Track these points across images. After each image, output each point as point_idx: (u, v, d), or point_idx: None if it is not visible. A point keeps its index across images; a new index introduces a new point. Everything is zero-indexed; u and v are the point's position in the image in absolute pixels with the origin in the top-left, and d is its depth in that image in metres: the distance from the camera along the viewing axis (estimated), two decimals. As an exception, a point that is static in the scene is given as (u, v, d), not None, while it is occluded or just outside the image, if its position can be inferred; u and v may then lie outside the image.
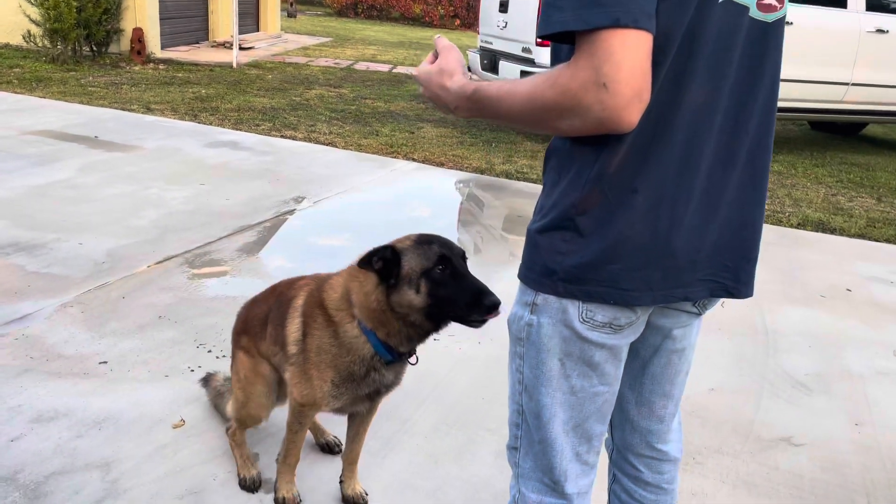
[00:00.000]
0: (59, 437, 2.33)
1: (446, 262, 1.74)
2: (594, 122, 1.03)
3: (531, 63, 7.02)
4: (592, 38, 1.01)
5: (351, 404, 2.00)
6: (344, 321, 1.87)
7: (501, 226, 5.01)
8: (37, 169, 5.15)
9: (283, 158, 6.14)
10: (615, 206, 1.15)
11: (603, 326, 1.22)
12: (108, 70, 9.70)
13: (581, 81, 1.02)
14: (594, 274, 1.17)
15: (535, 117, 1.10)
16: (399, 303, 1.76)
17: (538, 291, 1.23)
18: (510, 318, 1.31)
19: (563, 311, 1.21)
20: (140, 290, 3.43)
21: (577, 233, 1.17)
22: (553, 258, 1.19)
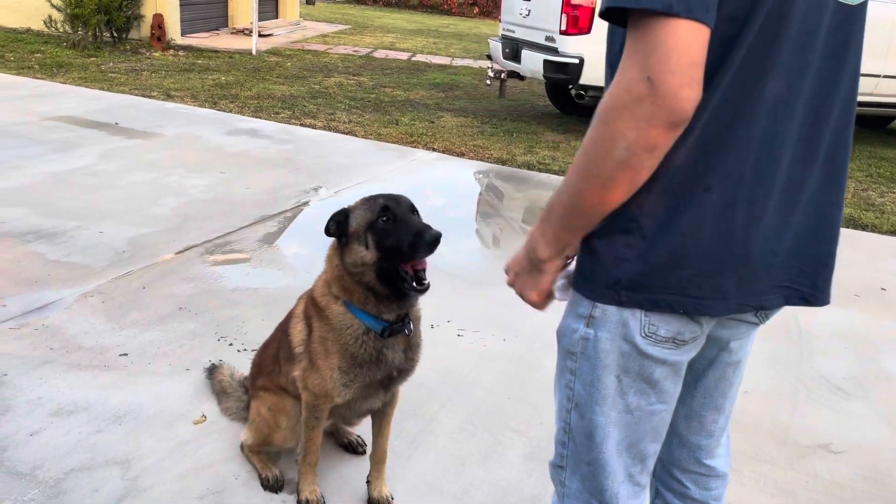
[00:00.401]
0: (78, 432, 2.29)
1: (388, 211, 1.78)
2: (645, 121, 0.96)
3: (555, 52, 6.90)
4: (641, 25, 0.95)
5: (365, 394, 1.96)
6: (330, 303, 1.90)
7: (524, 218, 4.92)
8: (57, 155, 5.13)
9: (302, 147, 6.08)
10: (685, 205, 1.06)
11: (665, 341, 1.13)
12: (129, 56, 9.68)
13: (627, 82, 0.96)
14: (661, 280, 1.09)
15: (597, 158, 1.01)
16: (353, 263, 1.80)
17: (596, 302, 1.14)
18: (560, 331, 1.22)
19: (624, 324, 1.13)
20: (161, 281, 3.39)
21: (642, 236, 1.08)
22: (615, 265, 1.10)
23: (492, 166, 6.13)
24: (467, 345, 3.06)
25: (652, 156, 0.99)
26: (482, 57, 13.34)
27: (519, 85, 9.99)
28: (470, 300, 3.50)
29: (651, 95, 0.94)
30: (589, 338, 1.16)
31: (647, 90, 0.94)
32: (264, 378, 2.19)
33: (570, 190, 1.07)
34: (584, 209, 1.07)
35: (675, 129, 0.97)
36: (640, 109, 0.95)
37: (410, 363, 1.98)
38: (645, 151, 0.98)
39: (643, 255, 1.09)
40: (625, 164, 1.00)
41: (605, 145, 1.00)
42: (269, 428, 2.15)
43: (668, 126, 0.96)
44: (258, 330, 3.00)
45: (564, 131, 7.76)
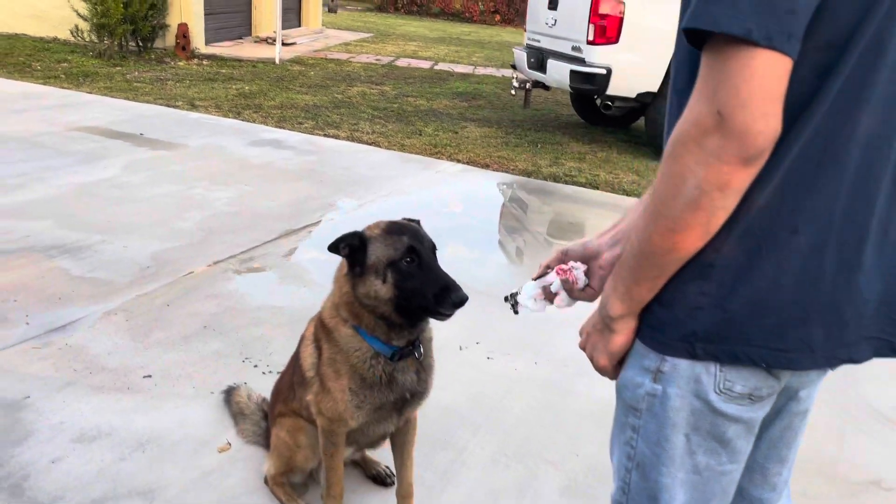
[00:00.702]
0: (101, 459, 2.23)
1: (414, 253, 1.70)
2: (715, 157, 0.87)
3: (582, 62, 6.80)
4: (716, 52, 0.87)
5: (378, 417, 1.89)
6: (338, 325, 1.84)
7: (551, 233, 4.82)
8: (82, 167, 5.12)
9: (326, 158, 6.03)
10: (768, 249, 0.97)
11: (741, 398, 1.03)
12: (154, 65, 9.73)
13: (696, 114, 0.88)
14: (741, 331, 0.99)
15: (666, 198, 0.93)
16: (366, 294, 1.73)
17: (666, 355, 1.04)
18: (622, 384, 1.12)
19: (696, 380, 1.03)
20: (184, 298, 3.34)
21: (720, 282, 0.99)
22: (689, 314, 1.01)
23: (517, 178, 6.04)
24: (498, 368, 2.97)
25: (725, 195, 0.91)
26: (505, 65, 13.27)
27: (542, 94, 9.89)
28: (499, 320, 3.40)
29: (720, 129, 0.86)
30: (656, 394, 1.06)
31: (715, 124, 0.86)
32: (281, 405, 2.15)
33: (640, 235, 0.99)
34: (656, 256, 0.98)
35: (748, 165, 0.88)
36: (708, 143, 0.87)
37: (423, 385, 1.91)
38: (717, 189, 0.90)
39: (721, 303, 0.99)
40: (695, 205, 0.91)
41: (674, 183, 0.92)
42: (289, 450, 2.09)
43: (741, 162, 0.88)
44: (283, 351, 2.93)
45: (590, 142, 7.65)
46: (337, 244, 1.74)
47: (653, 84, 6.79)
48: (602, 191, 5.85)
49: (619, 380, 1.13)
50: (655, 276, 1.00)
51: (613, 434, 1.17)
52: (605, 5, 6.52)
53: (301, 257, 3.96)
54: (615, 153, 7.20)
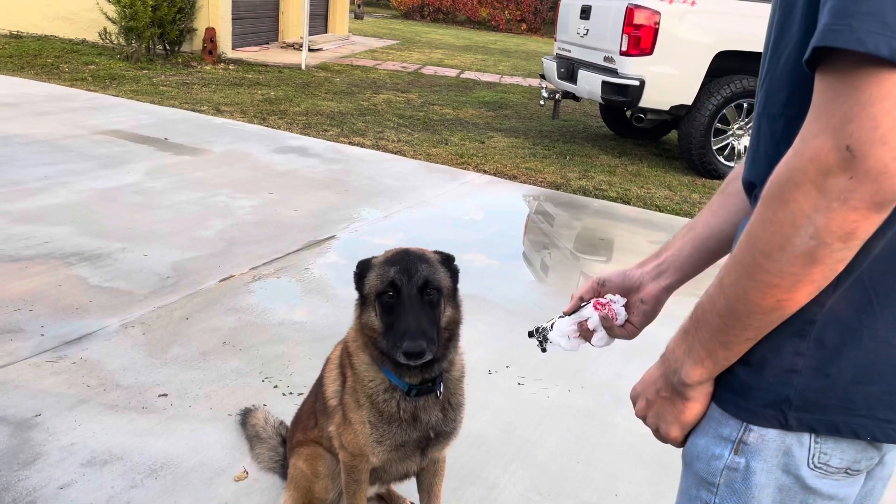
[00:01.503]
0: (112, 486, 2.11)
1: (395, 288, 1.59)
2: (840, 202, 0.72)
3: (614, 73, 6.64)
4: (843, 75, 0.71)
5: (401, 455, 1.76)
6: (358, 351, 1.74)
7: (582, 250, 4.65)
8: (106, 171, 5.06)
9: (351, 167, 5.92)
10: (882, 305, 0.82)
11: (837, 472, 0.88)
12: (180, 69, 9.72)
13: (814, 150, 0.73)
14: (843, 400, 0.84)
15: (770, 249, 0.77)
16: (365, 323, 1.66)
17: (751, 424, 0.89)
18: (692, 453, 0.97)
19: (786, 452, 0.88)
20: (204, 311, 3.22)
21: (820, 342, 0.84)
22: (782, 378, 0.86)
23: (546, 191, 5.89)
24: (529, 395, 2.81)
25: (848, 246, 0.75)
26: (532, 75, 13.13)
27: (570, 105, 9.74)
28: (529, 342, 3.24)
29: (849, 169, 0.71)
30: (737, 468, 0.90)
31: (843, 162, 0.71)
32: (300, 433, 2.03)
33: (729, 292, 0.83)
34: (753, 317, 0.82)
35: (881, 211, 0.73)
36: (833, 186, 0.72)
37: (450, 425, 1.77)
38: (839, 240, 0.74)
39: (822, 366, 0.84)
40: (811, 258, 0.76)
41: (782, 232, 0.76)
42: (307, 481, 1.96)
43: (872, 208, 0.72)
44: (304, 371, 2.81)
45: (620, 154, 7.48)
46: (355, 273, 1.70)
47: (687, 97, 6.61)
48: (634, 206, 5.68)
49: (688, 446, 0.98)
50: (749, 339, 0.85)
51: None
52: (639, 16, 6.36)
53: (324, 270, 3.84)
54: (646, 167, 7.02)
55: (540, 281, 4.17)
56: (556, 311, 3.62)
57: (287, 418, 2.35)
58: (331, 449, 1.90)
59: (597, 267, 4.39)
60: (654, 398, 0.96)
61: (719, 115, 6.65)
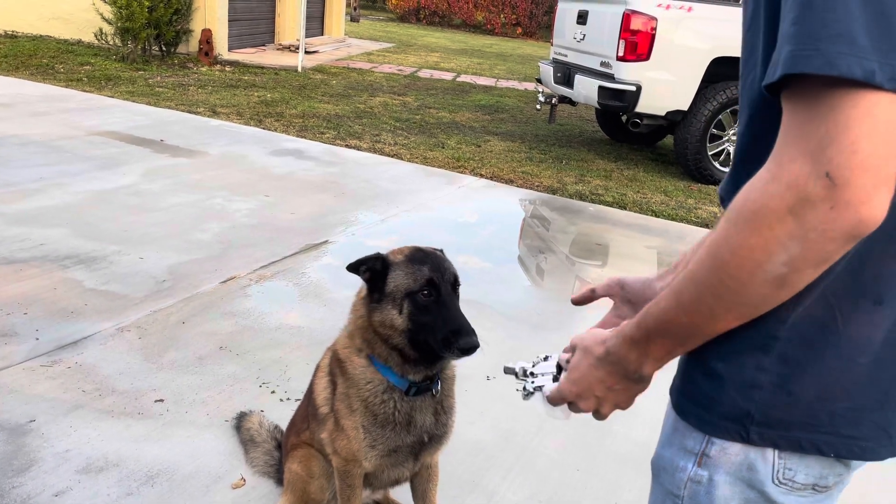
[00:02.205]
0: (107, 494, 2.08)
1: (433, 287, 1.59)
2: (818, 233, 0.69)
3: (611, 78, 6.64)
4: (816, 98, 0.68)
5: (394, 460, 1.75)
6: (351, 356, 1.73)
7: (578, 254, 4.65)
8: (101, 173, 5.03)
9: (348, 170, 5.91)
10: (847, 322, 0.81)
11: (804, 489, 0.87)
12: (176, 70, 9.69)
13: (790, 177, 0.69)
14: (807, 416, 0.84)
15: (738, 274, 0.75)
16: (381, 321, 1.62)
17: (713, 437, 0.88)
18: (659, 465, 0.96)
19: (750, 467, 0.87)
20: (201, 315, 3.20)
21: (784, 358, 0.83)
22: (744, 393, 0.85)
23: (542, 195, 5.88)
24: (528, 403, 2.79)
25: (818, 270, 0.74)
26: (527, 79, 13.15)
27: (566, 109, 9.75)
28: (528, 348, 3.24)
29: (829, 199, 0.68)
30: (700, 480, 0.90)
31: (823, 191, 0.68)
32: (294, 437, 2.02)
33: (690, 307, 0.81)
34: (715, 326, 0.82)
35: (853, 241, 0.71)
36: (811, 216, 0.69)
37: (443, 428, 1.77)
38: (812, 266, 0.73)
39: (783, 382, 0.84)
40: (780, 283, 0.74)
41: (752, 257, 0.73)
42: (302, 482, 1.95)
43: (850, 239, 0.70)
44: (302, 376, 2.78)
45: (615, 159, 7.49)
46: (357, 266, 1.64)
47: (683, 102, 6.63)
48: (630, 211, 5.68)
49: (654, 459, 0.98)
50: (704, 341, 0.85)
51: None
52: (636, 21, 6.37)
53: (321, 274, 3.82)
54: (642, 171, 7.03)
55: (536, 286, 4.16)
56: (554, 314, 3.64)
57: (284, 424, 2.33)
58: (323, 451, 1.90)
59: (593, 272, 4.38)
60: (606, 393, 0.95)
61: (715, 120, 6.67)
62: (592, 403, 0.97)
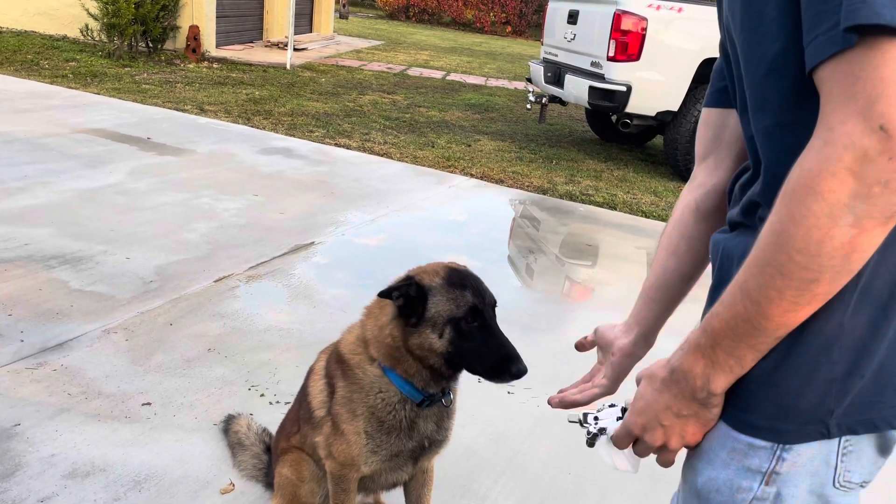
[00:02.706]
0: (94, 500, 2.05)
1: (477, 314, 1.56)
2: (881, 185, 0.70)
3: (601, 79, 6.65)
4: (859, 59, 0.70)
5: (393, 465, 1.74)
6: (362, 363, 1.69)
7: (568, 255, 4.65)
8: (87, 171, 4.97)
9: (337, 169, 5.87)
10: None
11: (855, 488, 0.89)
12: (163, 67, 9.60)
13: (844, 138, 0.71)
14: (875, 395, 0.85)
15: (804, 245, 0.75)
16: (419, 345, 1.59)
17: (788, 445, 0.87)
18: (710, 487, 0.93)
19: (814, 474, 0.87)
20: (189, 317, 3.17)
21: (852, 344, 0.83)
22: (824, 390, 0.84)
23: (532, 195, 5.88)
24: (519, 405, 2.79)
25: (885, 230, 0.74)
26: (517, 78, 13.15)
27: (556, 109, 9.75)
28: (519, 350, 3.23)
29: (886, 151, 0.69)
30: (767, 497, 0.88)
31: (879, 145, 0.69)
32: (284, 441, 1.99)
33: (757, 296, 0.80)
34: (786, 315, 0.79)
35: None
36: (871, 172, 0.70)
37: (443, 434, 1.76)
38: (879, 225, 0.73)
39: (856, 368, 0.84)
40: (850, 247, 0.73)
41: (818, 225, 0.73)
42: (292, 486, 1.92)
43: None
44: (292, 378, 2.76)
45: (606, 159, 7.50)
46: (390, 293, 1.58)
47: (673, 103, 6.64)
48: (620, 211, 5.68)
49: (704, 482, 0.94)
50: (778, 337, 0.83)
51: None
52: (627, 21, 6.38)
53: (311, 275, 3.79)
54: (632, 172, 7.04)
55: (526, 286, 4.15)
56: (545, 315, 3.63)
57: (274, 427, 2.30)
58: (313, 455, 1.88)
59: (583, 272, 4.38)
60: (673, 422, 0.92)
61: (705, 121, 6.67)
62: (659, 436, 0.94)
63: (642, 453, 0.98)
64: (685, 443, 0.94)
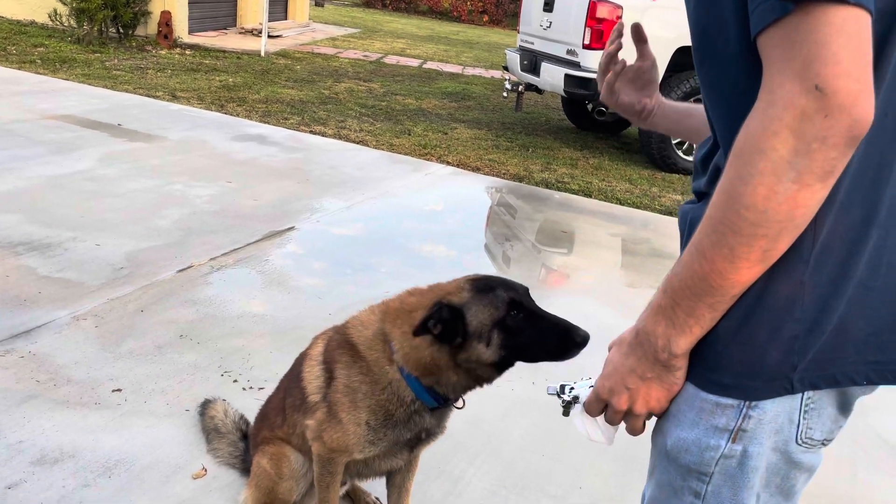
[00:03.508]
0: (63, 485, 2.02)
1: (518, 306, 1.54)
2: (819, 142, 0.74)
3: (577, 66, 6.66)
4: (794, 25, 0.75)
5: (388, 453, 1.74)
6: (380, 361, 1.65)
7: (544, 242, 4.66)
8: (56, 157, 4.87)
9: (312, 157, 5.82)
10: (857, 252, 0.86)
11: (817, 444, 0.93)
12: (134, 53, 9.43)
13: (784, 99, 0.75)
14: (836, 351, 0.88)
15: (752, 202, 0.78)
16: (467, 359, 1.55)
17: (756, 402, 0.89)
18: (679, 447, 0.95)
19: (778, 431, 0.90)
20: (160, 303, 3.13)
21: (813, 301, 0.86)
22: (787, 347, 0.86)
23: (508, 183, 5.89)
24: (494, 389, 2.75)
25: (825, 185, 0.78)
26: (494, 67, 13.13)
27: (533, 97, 9.76)
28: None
29: (823, 108, 0.73)
30: (734, 455, 0.91)
31: (816, 103, 0.74)
32: (266, 430, 1.96)
33: (711, 254, 0.83)
34: (739, 272, 0.82)
35: (853, 145, 0.76)
36: (809, 127, 0.74)
37: (442, 425, 1.77)
38: (819, 180, 0.77)
39: (818, 324, 0.87)
40: (794, 202, 0.77)
41: (764, 183, 0.77)
42: (270, 481, 1.90)
43: (849, 142, 0.75)
44: (265, 364, 2.75)
45: (581, 148, 7.53)
46: (425, 324, 1.52)
47: (648, 91, 6.67)
48: (595, 199, 5.71)
49: (673, 442, 0.96)
50: (734, 296, 0.85)
51: (655, 496, 1.01)
52: (602, 9, 6.39)
53: (285, 262, 3.77)
54: (607, 160, 7.08)
55: (503, 273, 4.16)
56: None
57: (247, 413, 2.29)
58: (300, 447, 1.85)
59: (559, 259, 4.40)
60: (638, 384, 0.94)
61: (679, 109, 6.72)
62: (625, 399, 0.95)
63: (612, 419, 0.99)
64: (650, 407, 0.95)
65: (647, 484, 1.05)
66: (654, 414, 0.97)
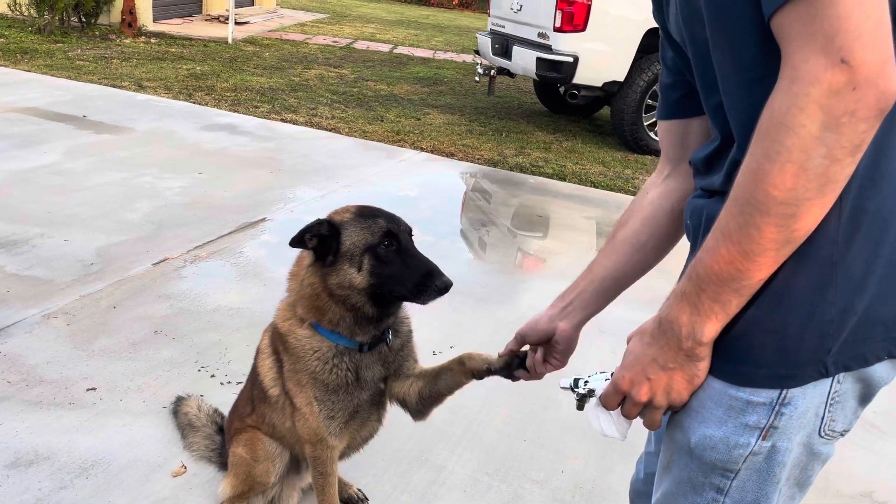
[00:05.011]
0: (39, 488, 1.99)
1: (392, 237, 1.57)
2: (849, 115, 0.73)
3: (548, 50, 6.64)
4: (811, 3, 0.74)
5: (359, 420, 1.73)
6: (293, 328, 1.67)
7: (520, 226, 4.67)
8: (20, 152, 4.75)
9: (284, 145, 5.75)
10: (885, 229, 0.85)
11: (835, 437, 0.93)
12: (98, 42, 9.21)
13: (809, 75, 0.74)
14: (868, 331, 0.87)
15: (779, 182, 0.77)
16: (339, 283, 1.56)
17: (784, 399, 0.88)
18: (704, 444, 0.93)
19: (806, 424, 0.90)
20: (133, 299, 3.07)
21: (846, 282, 0.85)
22: (822, 331, 0.85)
23: (483, 168, 5.87)
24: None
25: (854, 160, 0.77)
26: (465, 51, 13.05)
27: (505, 81, 9.73)
28: (473, 321, 3.24)
29: (850, 82, 0.72)
30: (762, 451, 0.90)
31: (843, 76, 0.72)
32: (237, 421, 1.96)
33: (738, 236, 0.81)
34: (766, 254, 0.80)
35: (881, 117, 0.75)
36: (838, 103, 0.73)
37: (394, 366, 1.72)
38: (849, 154, 0.76)
39: (852, 305, 0.86)
40: (824, 178, 0.76)
41: (792, 160, 0.76)
42: (247, 465, 1.90)
43: (878, 114, 0.74)
44: (242, 358, 2.71)
45: (555, 131, 7.53)
46: (301, 236, 1.55)
47: (619, 73, 6.69)
48: (569, 182, 5.73)
49: (698, 439, 0.93)
50: (761, 280, 0.83)
51: (671, 492, 0.99)
52: (572, -9, 6.37)
53: (259, 253, 3.72)
54: (580, 143, 7.10)
55: (479, 258, 4.16)
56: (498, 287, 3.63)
57: (226, 408, 2.26)
58: (271, 435, 1.86)
59: (535, 243, 4.41)
60: (660, 374, 0.92)
61: (650, 91, 6.76)
62: (646, 390, 0.92)
63: (630, 412, 0.97)
64: (670, 400, 0.93)
65: (660, 478, 1.02)
66: (674, 406, 0.95)
